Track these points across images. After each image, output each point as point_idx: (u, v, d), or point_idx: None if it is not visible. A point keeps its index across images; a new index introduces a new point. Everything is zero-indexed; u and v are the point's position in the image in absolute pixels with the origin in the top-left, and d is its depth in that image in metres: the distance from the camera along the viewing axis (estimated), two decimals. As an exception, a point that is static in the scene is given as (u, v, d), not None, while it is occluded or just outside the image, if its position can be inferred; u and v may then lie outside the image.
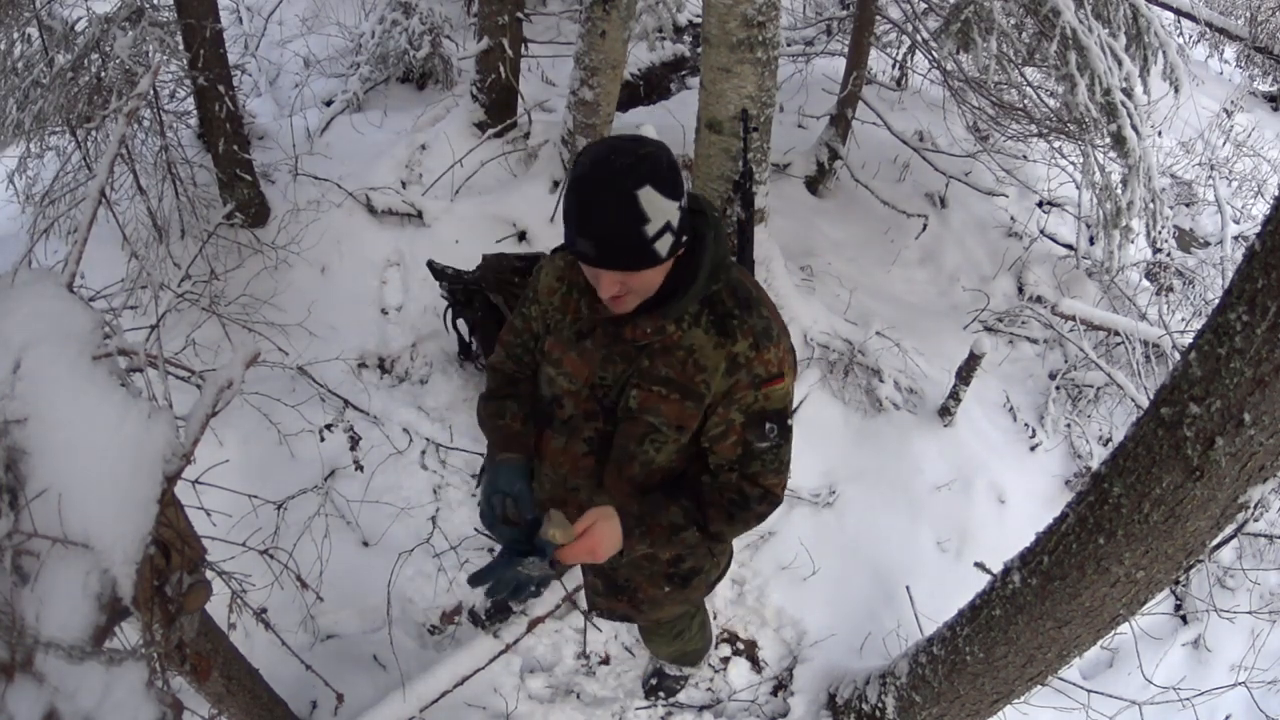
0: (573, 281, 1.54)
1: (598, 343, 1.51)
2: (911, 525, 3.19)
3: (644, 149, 1.28)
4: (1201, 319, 3.20)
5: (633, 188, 1.25)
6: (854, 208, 4.52)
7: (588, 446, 1.59)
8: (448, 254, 3.40)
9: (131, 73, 2.99)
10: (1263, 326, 1.27)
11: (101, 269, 2.83)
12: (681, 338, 1.45)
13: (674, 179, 1.29)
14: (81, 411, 1.11)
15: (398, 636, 2.67)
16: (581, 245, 1.31)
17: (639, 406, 1.50)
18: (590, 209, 1.28)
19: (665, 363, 1.47)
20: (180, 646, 1.29)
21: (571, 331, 1.54)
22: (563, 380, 1.56)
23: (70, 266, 1.38)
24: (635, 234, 1.27)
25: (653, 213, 1.26)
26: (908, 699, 2.36)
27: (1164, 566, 1.63)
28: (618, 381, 1.51)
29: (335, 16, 5.37)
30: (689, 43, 5.73)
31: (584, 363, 1.53)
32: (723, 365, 1.44)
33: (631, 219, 1.26)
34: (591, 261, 1.32)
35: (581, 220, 1.29)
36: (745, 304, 1.46)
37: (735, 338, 1.43)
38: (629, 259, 1.30)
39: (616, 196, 1.25)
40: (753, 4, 2.74)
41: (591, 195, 1.27)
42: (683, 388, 1.47)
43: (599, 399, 1.54)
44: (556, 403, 1.59)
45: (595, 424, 1.56)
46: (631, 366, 1.49)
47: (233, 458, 2.80)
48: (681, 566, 1.79)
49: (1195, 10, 6.11)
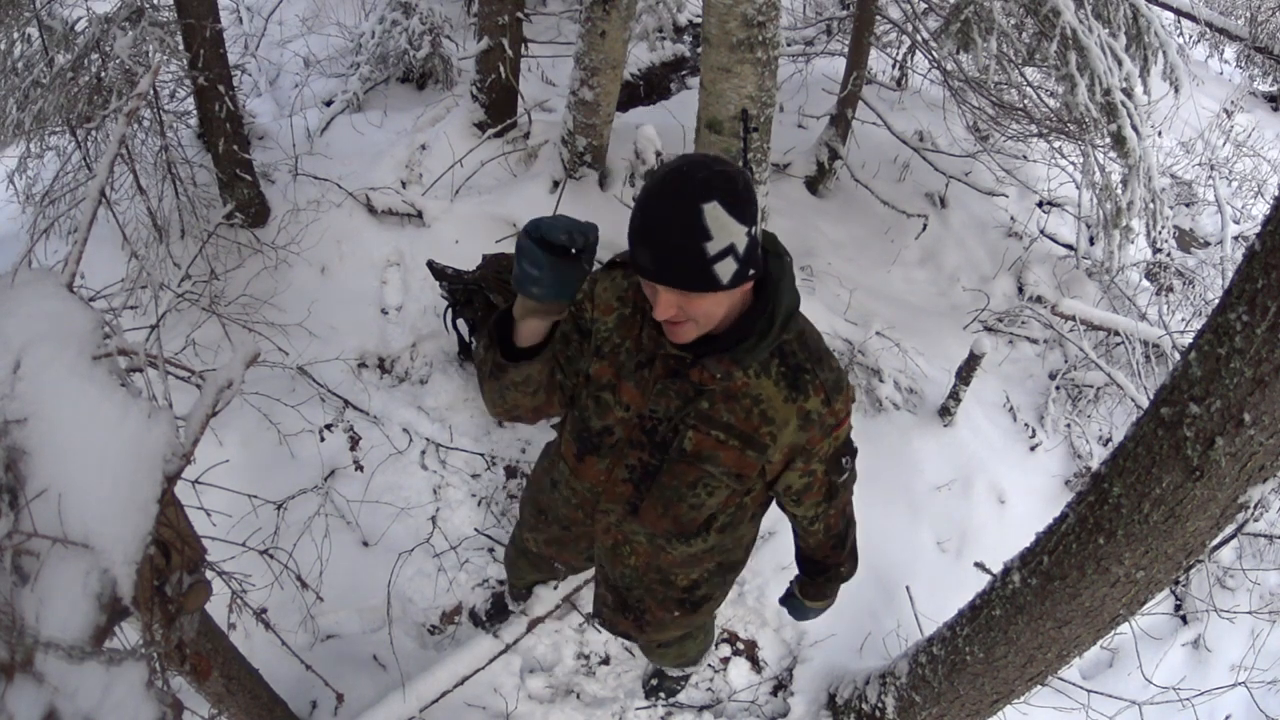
0: (636, 305, 1.47)
1: (655, 373, 1.44)
2: (911, 525, 3.19)
3: (720, 166, 1.22)
4: (1201, 319, 3.20)
5: (699, 200, 1.18)
6: (854, 208, 4.52)
7: (628, 474, 1.55)
8: (448, 254, 3.40)
9: (131, 73, 2.99)
10: (1263, 326, 1.27)
11: (101, 269, 2.83)
12: (749, 385, 1.40)
13: (746, 202, 1.23)
14: (81, 411, 1.11)
15: (398, 636, 2.67)
16: (640, 255, 1.24)
17: (694, 450, 1.45)
18: (653, 217, 1.22)
19: (728, 409, 1.41)
20: (180, 646, 1.29)
21: (631, 360, 1.46)
22: (618, 409, 1.49)
23: (70, 266, 1.38)
24: (695, 250, 1.20)
25: (716, 230, 1.19)
26: (908, 699, 2.36)
27: (1164, 566, 1.63)
28: (669, 417, 1.45)
29: (335, 16, 5.37)
30: (689, 43, 5.73)
31: (639, 393, 1.46)
32: (794, 421, 1.40)
33: (693, 232, 1.19)
34: (648, 275, 1.25)
35: (643, 228, 1.23)
36: (817, 356, 1.41)
37: (808, 393, 1.39)
38: (686, 277, 1.23)
39: (681, 206, 1.19)
40: (753, 4, 2.74)
41: (656, 203, 1.22)
42: (745, 436, 1.42)
43: (645, 429, 1.48)
44: (607, 432, 1.52)
45: (640, 454, 1.51)
46: (688, 406, 1.43)
47: (233, 458, 2.80)
48: (695, 593, 1.78)
49: (1195, 10, 6.10)
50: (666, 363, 1.42)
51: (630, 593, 1.80)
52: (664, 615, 1.82)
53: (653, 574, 1.73)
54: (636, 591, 1.79)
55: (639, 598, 1.80)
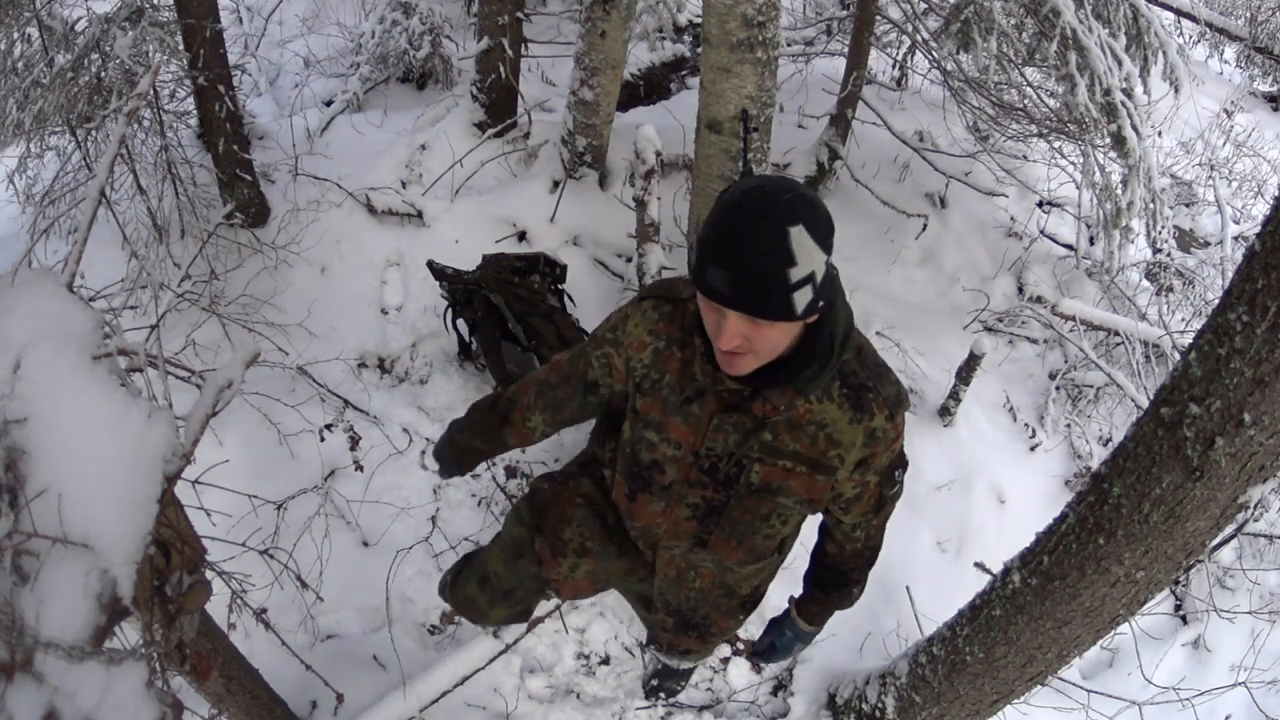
0: (670, 337, 1.41)
1: (707, 409, 1.38)
2: (911, 525, 3.19)
3: (801, 189, 1.18)
4: (1201, 319, 3.20)
5: (786, 222, 1.12)
6: (854, 208, 4.51)
7: (691, 512, 1.49)
8: (448, 254, 3.40)
9: (131, 73, 2.99)
10: (1263, 326, 1.27)
11: (101, 269, 2.83)
12: (812, 412, 1.35)
13: (828, 229, 1.18)
14: (81, 411, 1.11)
15: (398, 636, 2.67)
16: (714, 278, 1.15)
17: (763, 483, 1.41)
18: (735, 237, 1.13)
19: (793, 437, 1.37)
20: (180, 646, 1.29)
21: (677, 395, 1.40)
22: (666, 446, 1.44)
23: (70, 266, 1.38)
24: (778, 274, 1.13)
25: (801, 256, 1.13)
26: (908, 699, 2.36)
27: (1164, 566, 1.63)
28: (729, 452, 1.40)
29: (335, 16, 5.37)
30: (689, 43, 5.73)
31: (689, 428, 1.40)
32: (860, 439, 1.37)
33: (778, 255, 1.13)
34: (723, 299, 1.16)
35: (722, 248, 1.14)
36: (878, 372, 1.37)
37: (872, 412, 1.36)
38: (764, 303, 1.16)
39: (767, 227, 1.12)
40: (753, 4, 2.74)
41: (739, 223, 1.14)
42: (813, 462, 1.38)
43: (704, 468, 1.43)
44: (656, 468, 1.47)
45: (703, 492, 1.46)
46: (749, 439, 1.38)
47: (233, 458, 2.80)
48: (756, 595, 1.77)
49: (1195, 10, 6.10)
50: (722, 397, 1.36)
51: (695, 612, 1.76)
52: (728, 623, 1.80)
53: (717, 591, 1.70)
54: (702, 610, 1.75)
55: (704, 615, 1.76)
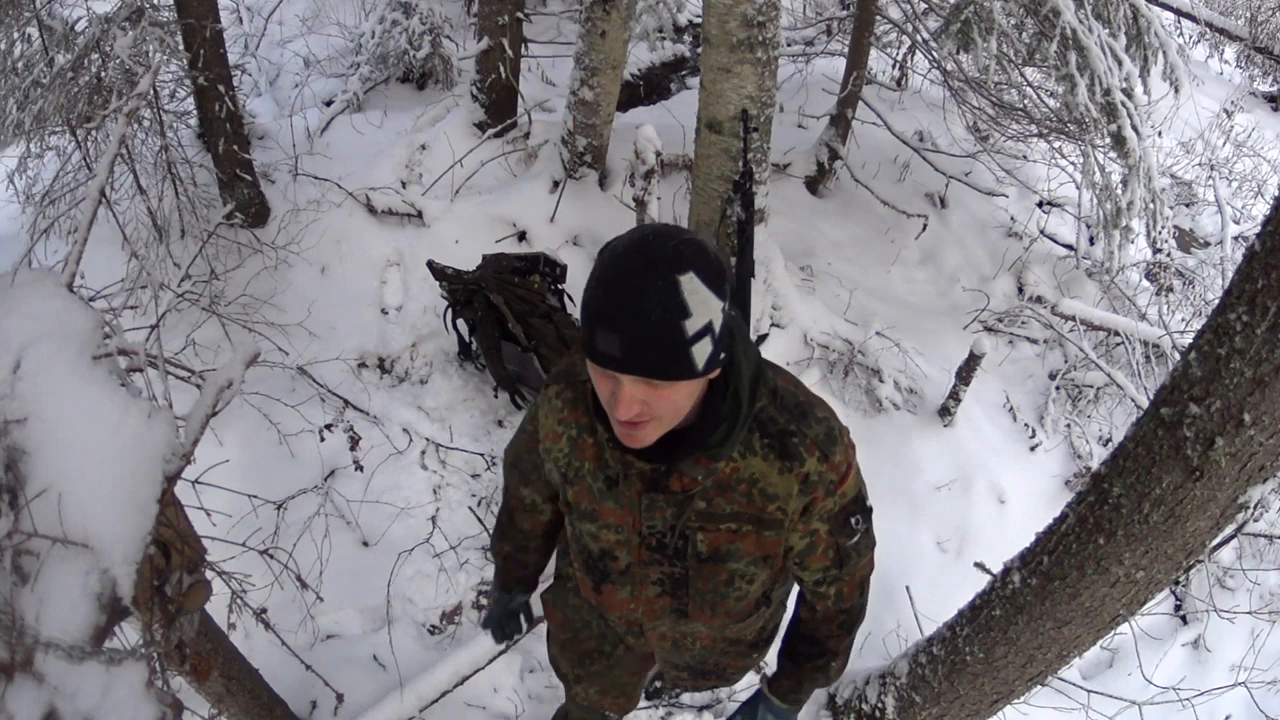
0: (579, 424, 1.32)
1: (634, 488, 1.28)
2: (911, 525, 3.19)
3: (687, 234, 1.08)
4: (1201, 319, 3.20)
5: (674, 272, 1.02)
6: (854, 208, 4.52)
7: (659, 589, 1.42)
8: (448, 254, 3.40)
9: (131, 73, 2.99)
10: (1263, 326, 1.27)
11: (101, 269, 2.83)
12: (739, 470, 1.25)
13: (720, 273, 1.07)
14: (81, 411, 1.11)
15: (398, 636, 2.67)
16: (604, 342, 1.04)
17: (711, 551, 1.32)
18: (621, 294, 1.03)
19: (728, 500, 1.27)
20: (180, 646, 1.29)
21: (600, 480, 1.32)
22: (608, 533, 1.36)
23: (70, 266, 1.38)
24: (673, 328, 1.02)
25: (695, 306, 1.03)
26: (907, 699, 2.36)
27: (1164, 566, 1.63)
28: (670, 526, 1.31)
29: (335, 16, 5.38)
30: (689, 43, 5.73)
31: (624, 510, 1.31)
32: (795, 488, 1.26)
33: (671, 308, 1.02)
34: (615, 364, 1.05)
35: (608, 308, 1.03)
36: (799, 413, 1.25)
37: (801, 458, 1.24)
38: (662, 362, 1.05)
39: (654, 278, 1.02)
40: (753, 4, 2.74)
41: (624, 278, 1.03)
42: (755, 519, 1.29)
43: (652, 546, 1.34)
44: (608, 556, 1.39)
45: (660, 568, 1.38)
46: (684, 511, 1.29)
47: (233, 458, 2.80)
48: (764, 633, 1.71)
49: (1195, 10, 6.10)
50: (641, 477, 1.27)
51: (705, 663, 1.72)
52: (744, 662, 1.75)
53: (721, 644, 1.64)
54: (711, 659, 1.70)
55: (715, 662, 1.72)
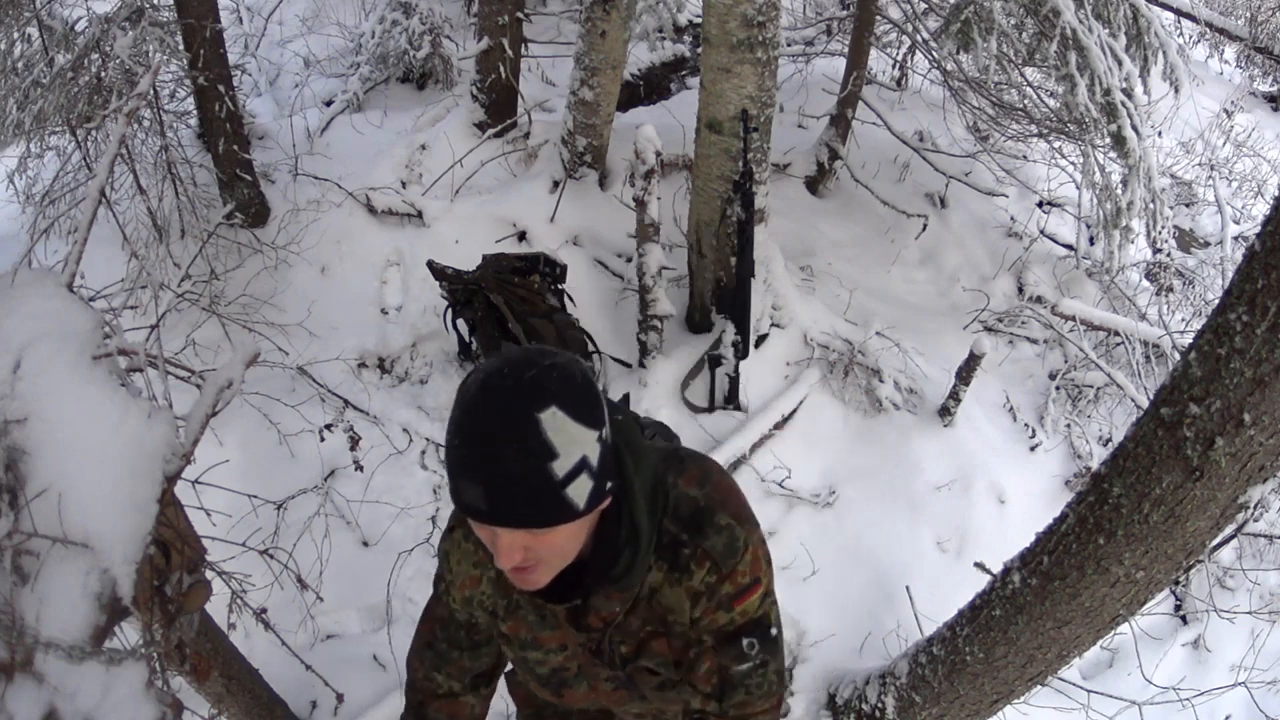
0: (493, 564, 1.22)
1: (559, 618, 1.25)
2: (911, 525, 3.19)
3: (549, 359, 0.98)
4: (1201, 319, 3.20)
5: (534, 410, 0.93)
6: (854, 208, 4.52)
7: (612, 685, 1.37)
8: (448, 254, 3.40)
9: (131, 73, 2.99)
10: (1263, 326, 1.27)
11: (101, 269, 2.83)
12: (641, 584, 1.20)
13: (590, 400, 0.98)
14: (81, 411, 1.11)
15: (397, 636, 2.67)
16: (468, 494, 0.96)
17: (633, 654, 1.27)
18: (478, 441, 0.94)
19: (633, 615, 1.23)
20: (180, 646, 1.29)
21: (531, 611, 1.27)
22: (554, 655, 1.31)
23: (70, 266, 1.38)
24: (540, 473, 0.94)
25: (561, 444, 0.94)
26: (908, 699, 2.36)
27: (1164, 566, 1.63)
28: (599, 639, 1.28)
29: (335, 16, 5.38)
30: (689, 43, 5.73)
31: (561, 631, 1.27)
32: (685, 601, 1.19)
33: (533, 452, 0.93)
34: (483, 517, 0.98)
35: (467, 457, 0.95)
36: (693, 523, 1.16)
37: (690, 570, 1.16)
38: (534, 511, 0.97)
39: (510, 421, 0.93)
40: (753, 4, 2.74)
41: (479, 423, 0.95)
42: (663, 624, 1.23)
43: (593, 651, 1.30)
44: (561, 670, 1.35)
45: (607, 671, 1.33)
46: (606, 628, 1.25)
47: (233, 458, 2.80)
48: None
49: (1195, 10, 6.10)
50: (560, 612, 1.24)
51: None
52: None
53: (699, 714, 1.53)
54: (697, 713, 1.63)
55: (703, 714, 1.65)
